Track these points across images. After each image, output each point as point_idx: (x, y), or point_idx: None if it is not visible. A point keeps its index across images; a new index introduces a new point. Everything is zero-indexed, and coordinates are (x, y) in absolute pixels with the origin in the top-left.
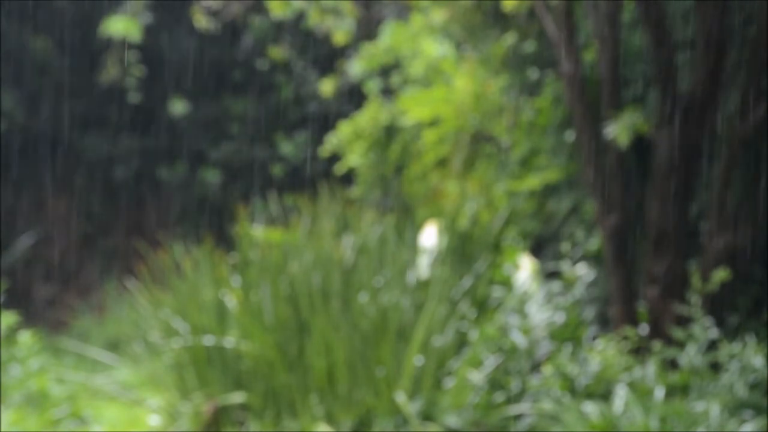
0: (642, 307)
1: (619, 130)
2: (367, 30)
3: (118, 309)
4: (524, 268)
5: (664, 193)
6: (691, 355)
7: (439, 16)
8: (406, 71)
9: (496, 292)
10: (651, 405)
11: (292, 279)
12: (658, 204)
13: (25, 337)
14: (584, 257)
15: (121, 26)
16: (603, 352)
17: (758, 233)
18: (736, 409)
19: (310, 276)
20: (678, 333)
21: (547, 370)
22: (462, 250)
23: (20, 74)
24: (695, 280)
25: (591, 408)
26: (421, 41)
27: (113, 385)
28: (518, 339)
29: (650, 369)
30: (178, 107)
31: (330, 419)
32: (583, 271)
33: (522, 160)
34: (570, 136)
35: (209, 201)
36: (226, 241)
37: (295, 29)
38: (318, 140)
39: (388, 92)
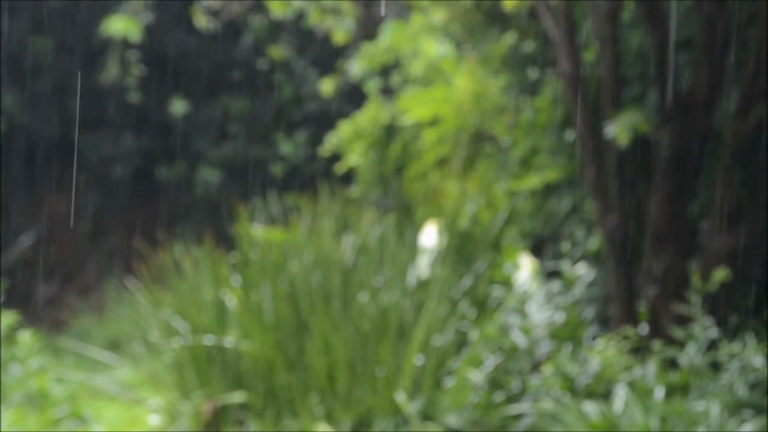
0: (642, 307)
1: (619, 130)
2: (367, 30)
3: (118, 309)
4: (524, 268)
5: (664, 193)
6: (691, 355)
7: (439, 15)
8: (406, 71)
9: (496, 291)
10: (651, 405)
11: (292, 279)
12: (658, 204)
13: (25, 337)
14: (584, 257)
15: (121, 26)
16: (603, 352)
17: (758, 233)
18: (736, 408)
19: (310, 276)
20: (678, 333)
21: (547, 369)
22: (462, 249)
23: (20, 74)
24: (695, 280)
25: (591, 408)
26: (421, 41)
27: (113, 384)
28: (518, 339)
29: (650, 369)
30: (178, 107)
31: (330, 419)
32: (583, 271)
33: (522, 159)
34: (570, 136)
35: (209, 201)
36: (226, 241)
37: (295, 29)
38: (318, 140)
39: (388, 92)
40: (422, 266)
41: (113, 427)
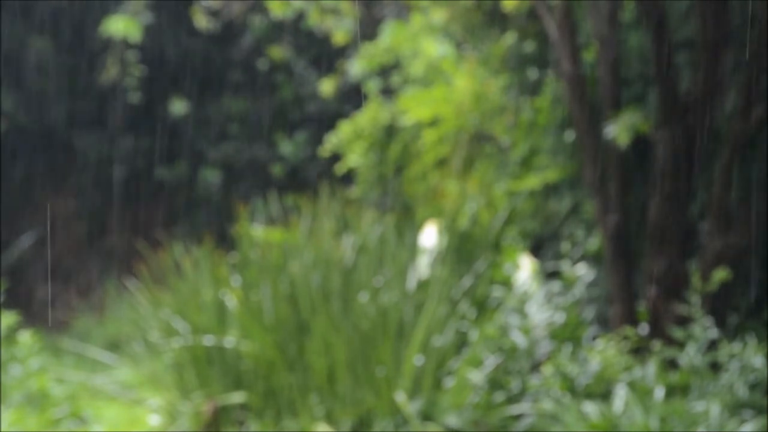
0: (642, 307)
1: (619, 130)
2: (367, 30)
3: (118, 309)
4: (524, 268)
5: (664, 193)
6: (691, 355)
7: (439, 15)
8: (406, 71)
9: (496, 291)
10: (651, 405)
11: (292, 279)
12: (658, 204)
13: (25, 337)
14: (584, 257)
15: (121, 26)
16: (603, 352)
17: (758, 233)
18: (736, 409)
19: (310, 276)
20: (678, 333)
21: (547, 370)
22: (462, 250)
23: (20, 74)
24: (695, 280)
25: (591, 408)
26: (421, 41)
27: (113, 385)
28: (518, 339)
29: (650, 369)
30: (178, 107)
31: (330, 419)
32: (583, 271)
33: (522, 160)
34: (570, 136)
35: (209, 201)
36: (226, 241)
37: (295, 29)
38: (318, 140)
39: (388, 92)
40: (422, 266)
41: (113, 427)
